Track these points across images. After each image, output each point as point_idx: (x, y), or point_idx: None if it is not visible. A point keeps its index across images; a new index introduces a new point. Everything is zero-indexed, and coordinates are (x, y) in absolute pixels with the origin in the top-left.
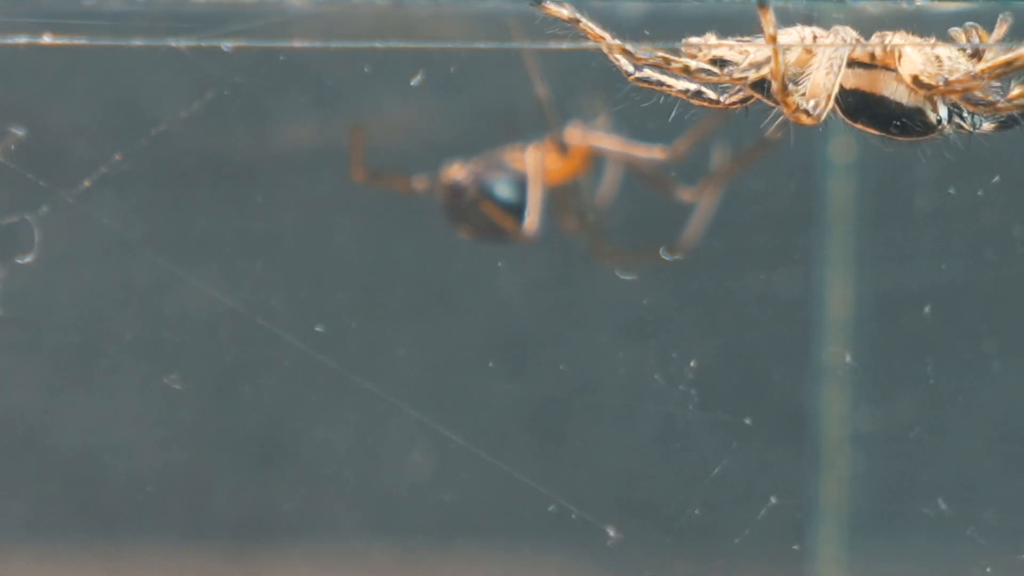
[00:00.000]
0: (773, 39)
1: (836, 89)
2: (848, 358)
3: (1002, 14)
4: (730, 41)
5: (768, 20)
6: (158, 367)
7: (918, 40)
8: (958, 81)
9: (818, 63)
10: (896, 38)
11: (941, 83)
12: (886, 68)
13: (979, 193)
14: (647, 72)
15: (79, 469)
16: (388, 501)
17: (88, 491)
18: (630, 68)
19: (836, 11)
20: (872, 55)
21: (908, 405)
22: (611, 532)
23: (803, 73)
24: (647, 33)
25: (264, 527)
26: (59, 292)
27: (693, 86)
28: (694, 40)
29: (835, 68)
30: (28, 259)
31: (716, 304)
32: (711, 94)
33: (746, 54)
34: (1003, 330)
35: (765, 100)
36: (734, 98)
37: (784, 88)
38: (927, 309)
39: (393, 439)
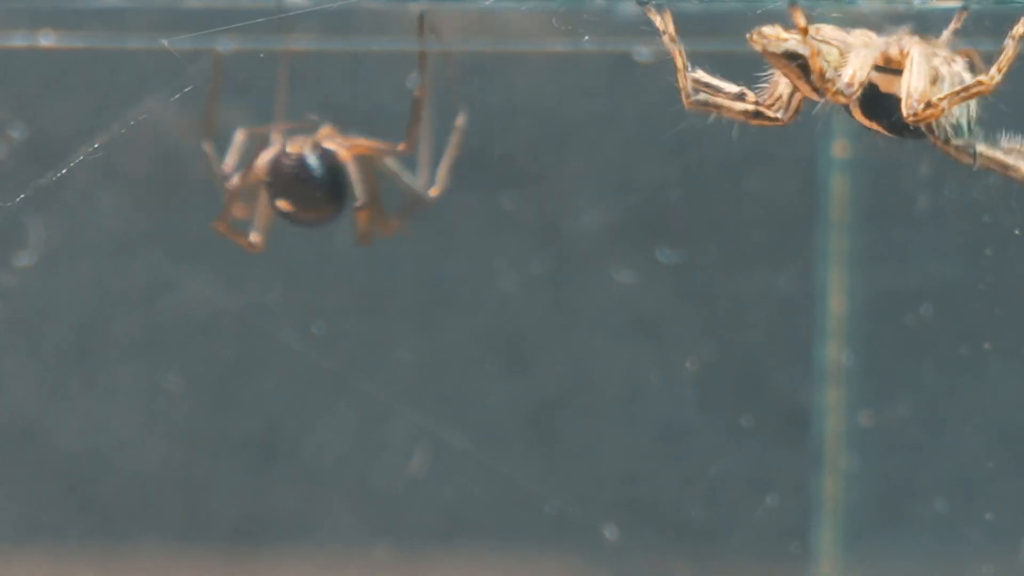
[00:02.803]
0: (805, 31)
1: (867, 74)
2: (849, 357)
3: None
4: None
5: (799, 16)
6: (156, 367)
7: (928, 46)
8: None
9: (855, 53)
10: (911, 42)
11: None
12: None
13: (977, 194)
14: (703, 96)
15: (76, 469)
16: (387, 501)
17: (86, 491)
18: (689, 91)
19: (835, 10)
20: (889, 58)
21: (909, 404)
22: (611, 532)
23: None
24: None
25: (263, 527)
26: (55, 291)
27: (751, 107)
28: (767, 30)
29: (868, 59)
30: (25, 259)
31: (716, 303)
32: (770, 113)
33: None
34: (1006, 328)
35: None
36: (791, 113)
37: (823, 76)
38: (929, 308)
39: (392, 439)
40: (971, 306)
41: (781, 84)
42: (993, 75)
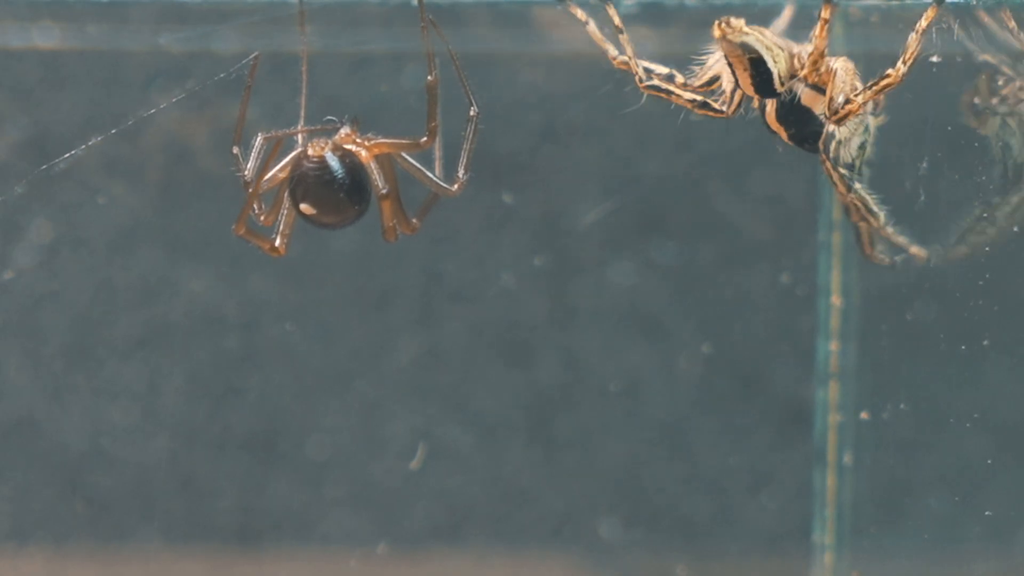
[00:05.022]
0: (826, 22)
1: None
2: (851, 353)
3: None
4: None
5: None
6: (156, 365)
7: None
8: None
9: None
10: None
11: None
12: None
13: (978, 191)
14: (656, 81)
15: (76, 467)
16: (387, 499)
17: (86, 489)
18: (642, 75)
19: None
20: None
21: (911, 400)
22: (611, 529)
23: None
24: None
25: (264, 525)
26: (54, 288)
27: (699, 97)
28: (735, 21)
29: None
30: (24, 256)
31: (717, 299)
32: (716, 105)
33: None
34: (1007, 325)
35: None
36: (733, 107)
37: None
38: (931, 304)
39: (392, 437)
40: (972, 303)
41: (724, 79)
42: (899, 68)
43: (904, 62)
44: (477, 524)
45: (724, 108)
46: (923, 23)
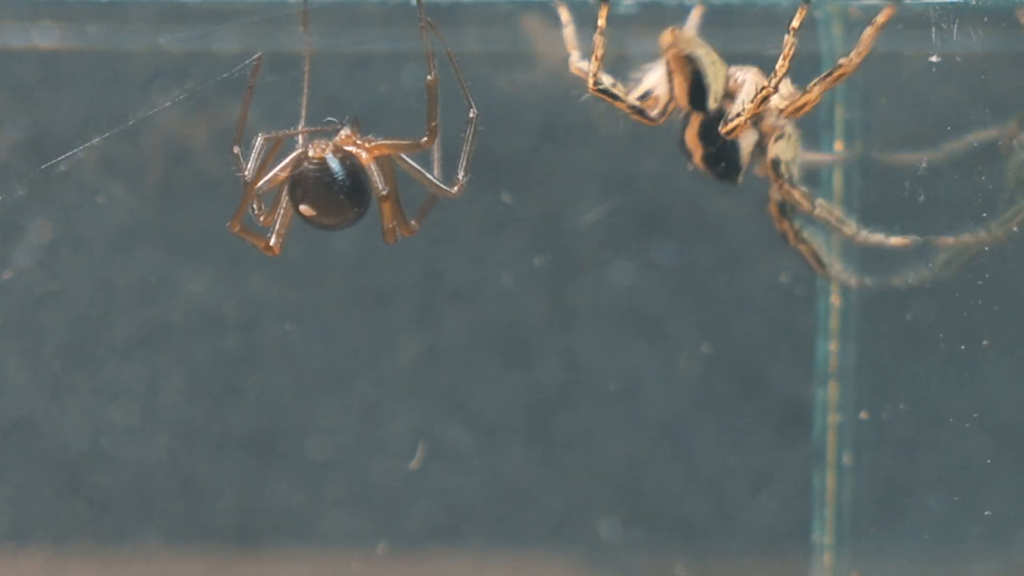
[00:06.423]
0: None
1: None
2: (850, 353)
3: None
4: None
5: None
6: (155, 365)
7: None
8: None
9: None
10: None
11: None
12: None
13: (976, 192)
14: (606, 85)
15: (76, 467)
16: (388, 501)
17: (85, 489)
18: (599, 78)
19: (818, 10)
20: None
21: (910, 400)
22: (611, 529)
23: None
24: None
25: (263, 525)
26: (54, 289)
27: (637, 104)
28: (680, 33)
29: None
30: (23, 256)
31: (716, 300)
32: (650, 113)
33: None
34: (1006, 325)
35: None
36: (665, 116)
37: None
38: (929, 305)
39: (392, 437)
40: (972, 303)
41: (660, 89)
42: (852, 58)
43: (859, 54)
44: (477, 524)
45: (656, 117)
46: (882, 18)
